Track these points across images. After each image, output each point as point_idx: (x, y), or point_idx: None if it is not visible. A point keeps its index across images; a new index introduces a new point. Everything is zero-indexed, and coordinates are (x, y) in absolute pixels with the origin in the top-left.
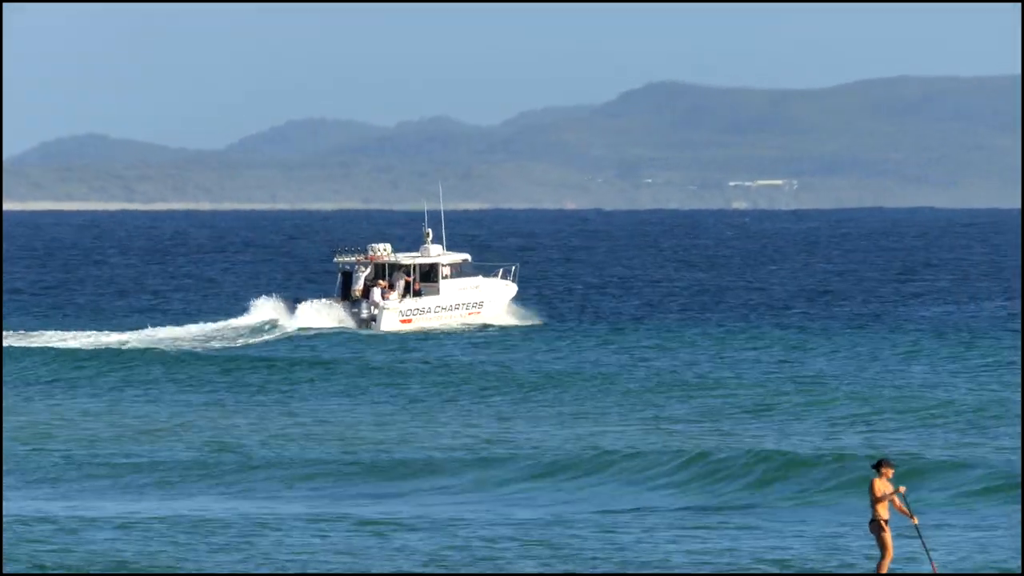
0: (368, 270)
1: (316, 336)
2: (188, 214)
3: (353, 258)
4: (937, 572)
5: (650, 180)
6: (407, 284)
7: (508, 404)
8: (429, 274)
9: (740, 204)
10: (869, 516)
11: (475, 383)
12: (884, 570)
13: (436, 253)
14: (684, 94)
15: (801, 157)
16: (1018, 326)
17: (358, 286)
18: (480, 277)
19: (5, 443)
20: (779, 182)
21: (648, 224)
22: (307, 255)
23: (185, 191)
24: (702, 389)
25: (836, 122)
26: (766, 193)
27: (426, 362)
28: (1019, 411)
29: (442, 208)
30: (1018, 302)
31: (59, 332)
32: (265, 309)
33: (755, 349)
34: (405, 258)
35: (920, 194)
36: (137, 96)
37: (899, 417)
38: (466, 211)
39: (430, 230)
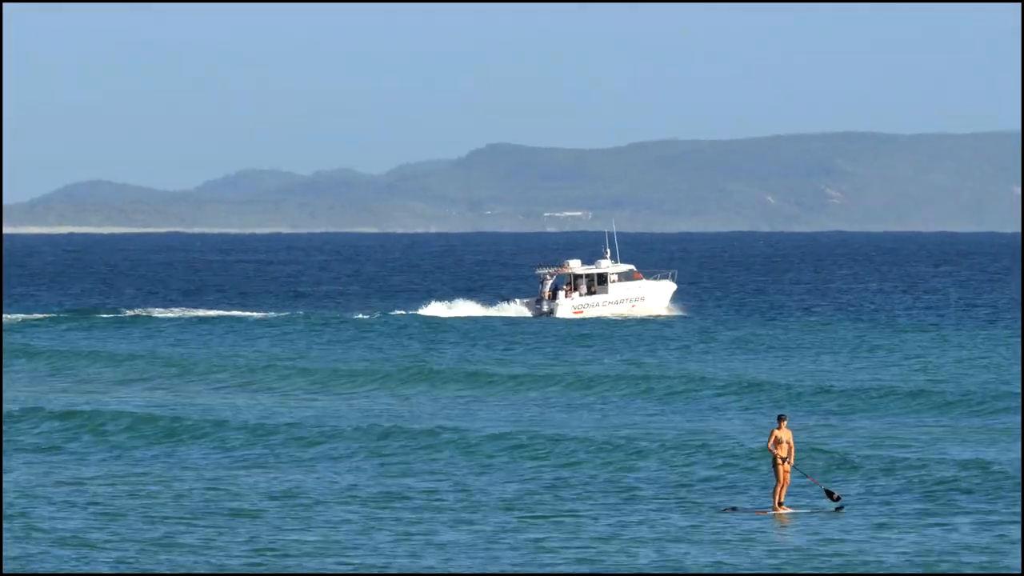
0: (555, 277)
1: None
2: (202, 236)
3: (547, 270)
4: (820, 484)
5: (490, 212)
6: (587, 287)
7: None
8: (602, 280)
9: (552, 228)
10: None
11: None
12: (782, 495)
13: (605, 265)
14: (514, 152)
15: (595, 196)
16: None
17: (547, 289)
18: (645, 280)
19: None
20: (579, 213)
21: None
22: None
23: (166, 219)
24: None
25: (620, 171)
26: (570, 221)
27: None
28: None
29: (615, 235)
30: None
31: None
32: (468, 305)
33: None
34: (582, 269)
35: (673, 223)
36: (131, 151)
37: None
38: (361, 233)
39: (608, 250)
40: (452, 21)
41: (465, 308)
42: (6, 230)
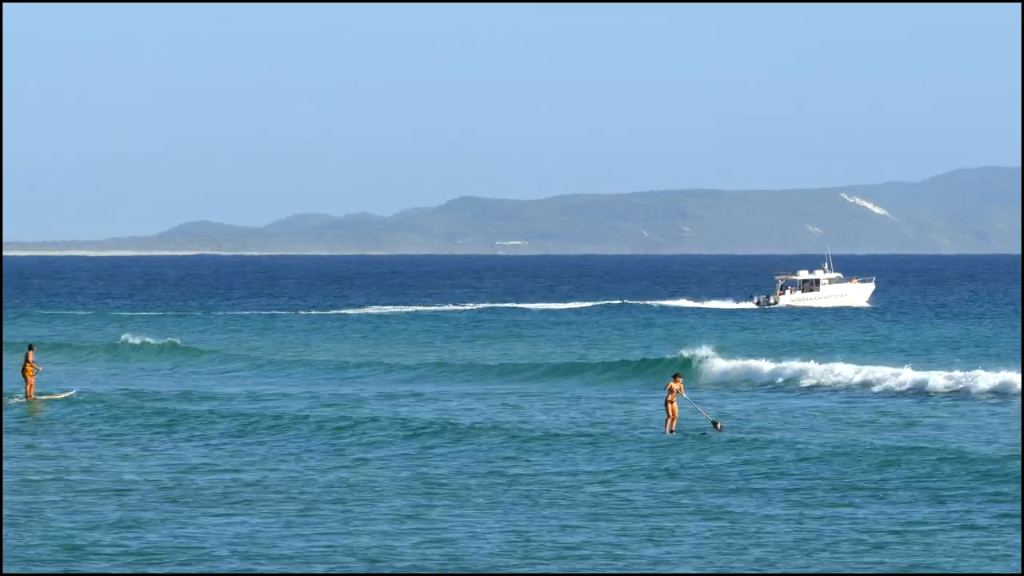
0: (785, 281)
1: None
2: (270, 258)
3: (781, 276)
4: (713, 421)
5: (460, 241)
6: (807, 288)
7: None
8: (817, 283)
9: (503, 252)
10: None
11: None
12: (672, 425)
13: (819, 273)
14: (477, 201)
15: (530, 231)
16: None
17: (779, 289)
18: (857, 283)
19: None
20: (520, 242)
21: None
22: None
23: (245, 247)
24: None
25: (546, 214)
26: (513, 248)
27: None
28: None
29: (829, 254)
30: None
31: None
32: (716, 302)
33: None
34: (803, 275)
35: (581, 248)
36: (224, 199)
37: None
38: (376, 255)
39: (826, 263)
40: (438, 107)
41: (716, 305)
42: (142, 253)
